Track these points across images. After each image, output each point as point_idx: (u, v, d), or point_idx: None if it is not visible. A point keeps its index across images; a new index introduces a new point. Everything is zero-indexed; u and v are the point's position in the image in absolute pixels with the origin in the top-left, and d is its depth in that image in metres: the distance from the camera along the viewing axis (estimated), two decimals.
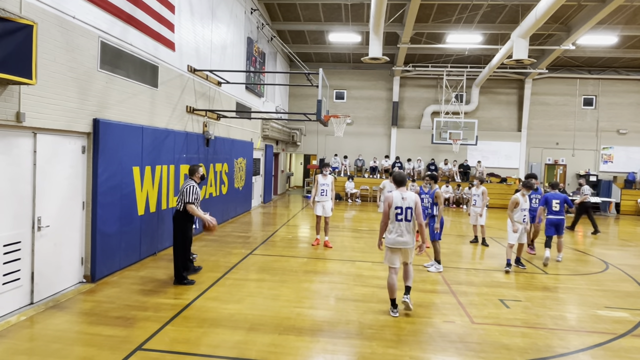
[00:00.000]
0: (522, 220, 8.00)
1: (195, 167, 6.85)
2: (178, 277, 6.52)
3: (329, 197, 9.59)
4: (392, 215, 5.47)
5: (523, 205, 8.01)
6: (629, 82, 21.20)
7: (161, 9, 8.23)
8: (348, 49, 20.43)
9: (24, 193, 5.23)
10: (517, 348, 4.69)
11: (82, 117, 6.06)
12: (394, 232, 5.48)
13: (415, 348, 4.63)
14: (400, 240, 5.46)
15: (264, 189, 17.44)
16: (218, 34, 11.57)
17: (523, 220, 8.00)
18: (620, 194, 19.34)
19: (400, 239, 5.45)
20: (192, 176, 6.77)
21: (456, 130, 19.69)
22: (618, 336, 5.12)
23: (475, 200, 10.63)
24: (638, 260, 9.53)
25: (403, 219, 5.44)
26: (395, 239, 5.47)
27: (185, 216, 6.57)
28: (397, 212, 5.45)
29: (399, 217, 5.44)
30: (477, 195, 10.61)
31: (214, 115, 11.23)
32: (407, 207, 5.44)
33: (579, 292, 6.89)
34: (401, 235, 5.45)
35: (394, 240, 5.48)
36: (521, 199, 8.00)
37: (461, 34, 17.51)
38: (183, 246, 6.60)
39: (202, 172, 6.96)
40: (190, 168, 6.88)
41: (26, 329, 4.77)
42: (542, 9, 11.88)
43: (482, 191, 10.52)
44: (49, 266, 5.65)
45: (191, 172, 6.83)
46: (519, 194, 8.08)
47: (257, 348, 4.48)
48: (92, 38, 6.22)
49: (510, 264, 8.02)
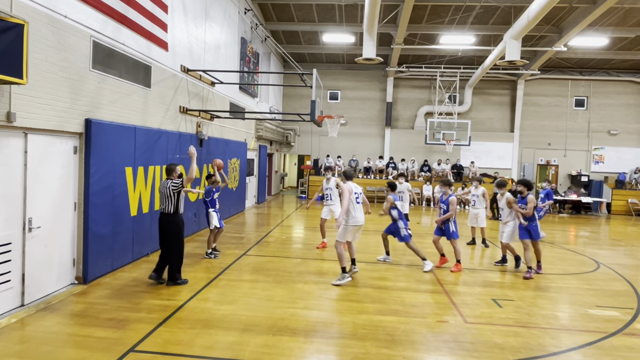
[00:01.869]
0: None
1: (172, 166, 6.53)
2: (173, 277, 6.45)
3: (335, 201, 9.28)
4: (353, 199, 6.73)
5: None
6: (619, 83, 21.44)
7: (154, 9, 8.18)
8: (342, 50, 20.45)
9: (15, 194, 5.17)
10: (509, 347, 4.72)
11: (73, 117, 6.01)
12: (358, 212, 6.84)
13: (409, 348, 4.64)
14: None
15: (258, 190, 17.41)
16: (211, 34, 11.53)
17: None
18: (611, 194, 19.54)
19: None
20: (169, 175, 6.47)
21: (449, 130, 19.78)
22: (609, 335, 5.17)
23: (475, 201, 10.23)
24: (629, 260, 9.64)
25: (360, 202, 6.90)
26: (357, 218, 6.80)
27: (177, 217, 6.42)
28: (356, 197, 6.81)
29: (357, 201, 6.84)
30: (476, 196, 10.19)
31: (208, 116, 11.19)
32: (360, 193, 6.92)
33: (571, 292, 6.96)
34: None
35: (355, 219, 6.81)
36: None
37: (454, 35, 17.60)
38: (179, 249, 6.47)
39: (180, 171, 6.66)
40: (167, 167, 6.54)
41: (17, 331, 4.72)
42: (534, 11, 11.98)
43: (482, 192, 10.13)
44: (40, 268, 5.59)
45: (169, 171, 6.50)
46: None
47: (250, 349, 4.47)
48: (84, 37, 6.17)
49: (506, 259, 8.48)
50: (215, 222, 8.19)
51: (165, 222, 6.40)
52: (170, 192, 6.31)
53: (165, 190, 6.34)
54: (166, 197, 6.34)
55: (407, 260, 8.45)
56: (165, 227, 6.40)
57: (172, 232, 6.38)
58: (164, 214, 6.40)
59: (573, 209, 19.07)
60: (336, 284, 6.69)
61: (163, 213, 6.41)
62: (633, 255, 10.14)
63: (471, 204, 10.44)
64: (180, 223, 6.47)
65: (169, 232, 6.38)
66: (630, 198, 19.11)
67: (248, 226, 12.31)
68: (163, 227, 6.41)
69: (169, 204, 6.34)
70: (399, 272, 7.73)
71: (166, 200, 6.34)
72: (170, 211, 6.36)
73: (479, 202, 10.13)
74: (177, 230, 6.42)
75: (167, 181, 6.41)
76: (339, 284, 6.69)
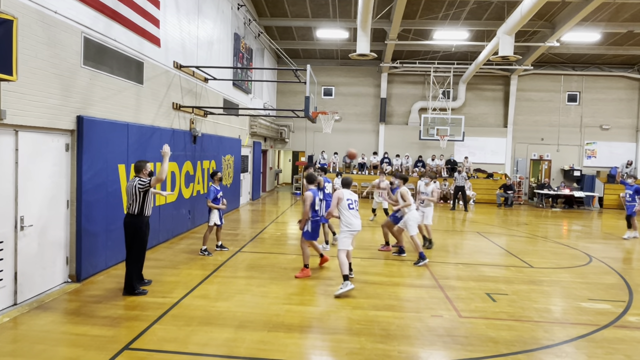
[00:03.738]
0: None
1: (142, 163, 5.97)
2: (129, 287, 5.86)
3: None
4: (346, 205, 6.52)
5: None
6: (611, 78, 21.58)
7: (146, 4, 8.10)
8: (336, 46, 20.40)
9: (6, 192, 5.12)
10: (503, 341, 4.77)
11: (65, 114, 5.95)
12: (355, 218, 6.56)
13: (404, 342, 4.67)
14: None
15: (252, 186, 17.37)
16: (204, 29, 11.45)
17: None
18: (603, 189, 19.71)
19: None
20: (138, 173, 5.93)
21: (443, 126, 19.81)
22: (601, 327, 5.24)
23: (424, 200, 9.23)
24: (620, 253, 9.74)
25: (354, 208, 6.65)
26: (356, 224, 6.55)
27: (141, 220, 5.90)
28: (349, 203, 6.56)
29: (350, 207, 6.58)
30: (425, 194, 9.21)
31: (201, 112, 11.13)
32: (356, 200, 6.69)
33: (563, 285, 7.02)
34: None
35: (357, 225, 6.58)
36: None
37: (448, 30, 17.62)
38: (139, 254, 5.98)
39: (150, 169, 6.10)
40: (136, 164, 5.98)
41: (10, 330, 4.69)
42: (527, 6, 12.01)
43: (433, 189, 9.17)
44: (33, 266, 5.55)
45: (137, 168, 5.94)
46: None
47: (246, 345, 4.47)
48: (74, 33, 6.10)
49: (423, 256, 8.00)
50: (216, 220, 8.18)
51: (127, 223, 5.86)
52: (137, 190, 5.78)
53: (132, 189, 5.80)
54: (132, 196, 5.81)
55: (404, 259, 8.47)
56: (127, 228, 5.86)
57: (132, 234, 5.85)
58: (127, 215, 5.89)
59: (566, 203, 19.23)
60: (339, 294, 6.09)
61: (127, 214, 5.90)
62: (625, 249, 10.25)
63: (419, 202, 9.23)
64: (143, 226, 5.93)
65: (129, 235, 5.85)
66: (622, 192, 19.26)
67: (243, 223, 12.29)
68: (125, 228, 5.88)
69: (134, 204, 5.81)
70: (393, 268, 7.76)
71: (132, 200, 5.81)
72: (134, 212, 5.82)
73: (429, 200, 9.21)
74: (139, 234, 5.88)
75: (134, 179, 5.86)
76: (341, 293, 6.09)
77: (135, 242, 5.89)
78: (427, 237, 9.34)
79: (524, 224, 13.91)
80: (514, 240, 10.87)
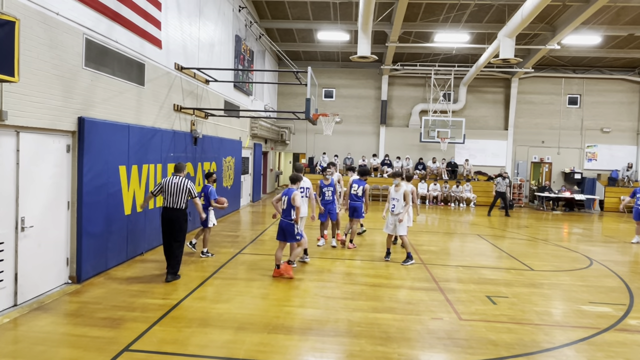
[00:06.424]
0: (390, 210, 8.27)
1: (182, 165, 6.97)
2: (176, 271, 6.74)
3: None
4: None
5: (392, 195, 8.21)
6: (612, 81, 21.57)
7: (147, 6, 8.13)
8: (337, 48, 20.43)
9: (7, 193, 5.12)
10: (503, 344, 4.76)
11: (66, 116, 5.96)
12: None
13: (404, 345, 4.66)
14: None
15: (253, 188, 17.37)
16: (206, 31, 11.47)
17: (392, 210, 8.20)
18: (604, 192, 19.69)
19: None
20: (178, 172, 6.86)
21: (444, 128, 19.82)
22: (601, 331, 5.23)
23: (395, 204, 8.12)
24: (621, 257, 9.72)
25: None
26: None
27: (185, 212, 6.84)
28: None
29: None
30: (396, 200, 8.10)
31: (202, 114, 11.14)
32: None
33: (564, 288, 7.01)
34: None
35: None
36: (391, 189, 8.31)
37: (449, 33, 17.64)
38: (182, 243, 6.89)
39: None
40: (177, 165, 6.93)
41: (10, 331, 4.69)
42: (528, 9, 12.03)
43: (404, 192, 8.05)
44: (33, 267, 5.55)
45: (178, 169, 6.90)
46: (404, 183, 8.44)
47: (246, 347, 4.46)
48: (76, 35, 6.12)
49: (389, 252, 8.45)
50: (214, 220, 8.21)
51: (176, 217, 6.65)
52: (186, 188, 6.65)
53: (181, 186, 6.63)
54: (179, 193, 6.63)
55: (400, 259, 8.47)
56: (176, 220, 6.64)
57: (181, 224, 6.71)
58: (173, 209, 6.63)
59: (566, 206, 19.21)
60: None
61: (172, 208, 6.63)
62: (625, 252, 10.23)
63: (390, 207, 8.23)
64: (186, 217, 6.90)
65: (178, 225, 6.67)
66: (623, 195, 19.25)
67: (243, 224, 12.28)
68: (173, 221, 6.64)
69: (180, 200, 6.64)
70: (393, 270, 7.75)
71: (177, 197, 6.64)
72: (182, 206, 6.67)
73: (399, 205, 8.07)
74: (186, 224, 6.87)
75: (179, 178, 6.71)
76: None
77: (183, 232, 6.77)
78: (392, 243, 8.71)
79: (524, 226, 13.90)
80: (515, 243, 10.86)
